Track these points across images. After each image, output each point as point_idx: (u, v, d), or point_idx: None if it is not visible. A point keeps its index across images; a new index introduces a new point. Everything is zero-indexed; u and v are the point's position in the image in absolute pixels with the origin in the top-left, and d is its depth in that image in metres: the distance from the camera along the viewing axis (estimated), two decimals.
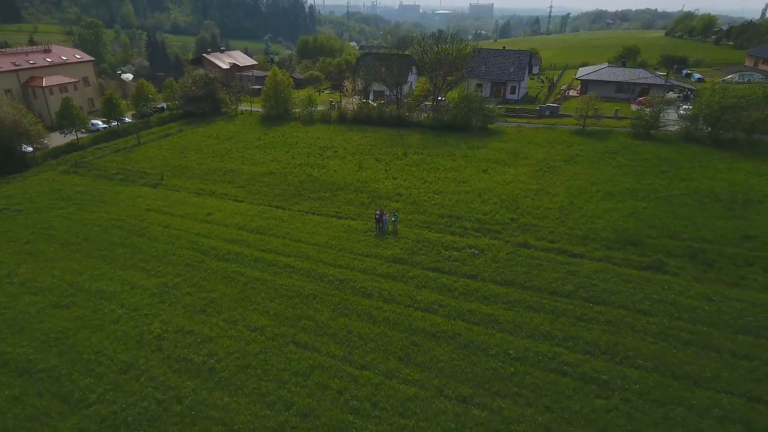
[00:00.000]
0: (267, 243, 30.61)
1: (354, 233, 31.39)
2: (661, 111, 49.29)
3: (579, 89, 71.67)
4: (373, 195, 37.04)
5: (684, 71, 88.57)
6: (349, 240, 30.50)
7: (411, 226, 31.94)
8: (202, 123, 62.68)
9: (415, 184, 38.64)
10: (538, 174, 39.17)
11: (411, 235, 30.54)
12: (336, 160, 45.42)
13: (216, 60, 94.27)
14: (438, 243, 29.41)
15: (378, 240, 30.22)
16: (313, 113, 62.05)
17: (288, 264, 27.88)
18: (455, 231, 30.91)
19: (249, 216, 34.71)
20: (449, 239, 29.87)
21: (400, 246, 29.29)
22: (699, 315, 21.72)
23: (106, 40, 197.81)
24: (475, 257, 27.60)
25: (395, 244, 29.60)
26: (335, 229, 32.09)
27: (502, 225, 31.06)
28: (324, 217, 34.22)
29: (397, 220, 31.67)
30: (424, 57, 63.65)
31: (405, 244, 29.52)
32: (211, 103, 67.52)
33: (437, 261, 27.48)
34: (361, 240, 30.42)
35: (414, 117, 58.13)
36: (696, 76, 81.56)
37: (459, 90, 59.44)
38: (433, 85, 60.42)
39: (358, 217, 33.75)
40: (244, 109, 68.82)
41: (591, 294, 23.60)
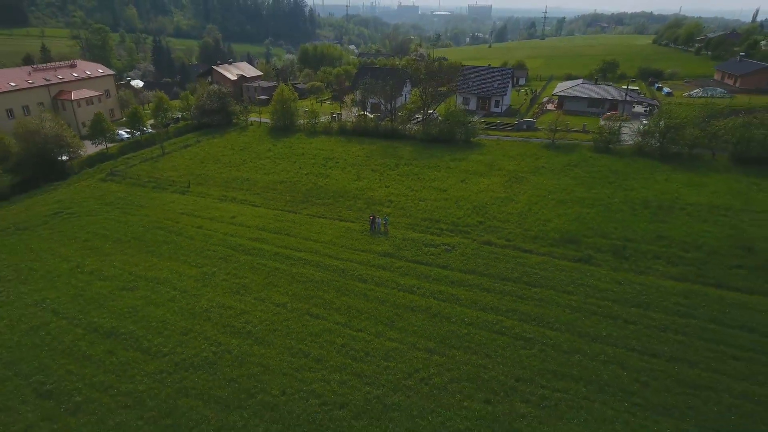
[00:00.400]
0: (283, 241, 38.09)
1: (352, 233, 38.85)
2: (621, 127, 56.97)
3: (556, 104, 79.20)
4: (369, 201, 44.52)
5: (656, 85, 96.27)
6: (349, 238, 37.96)
7: (399, 227, 39.44)
8: (216, 134, 70.12)
9: (404, 192, 46.13)
10: (507, 184, 46.71)
11: (398, 235, 38.04)
12: (337, 170, 52.91)
13: (225, 72, 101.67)
14: (419, 241, 36.92)
15: (371, 238, 37.70)
16: (316, 125, 69.50)
17: (300, 257, 35.36)
18: (434, 231, 38.42)
19: (266, 219, 42.18)
20: (429, 238, 37.38)
21: (389, 243, 36.79)
22: (608, 294, 29.28)
23: (111, 44, 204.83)
24: (448, 252, 35.10)
25: (385, 241, 37.09)
26: (337, 230, 39.56)
27: (471, 227, 38.59)
28: (328, 220, 41.69)
29: (387, 222, 39.14)
30: (419, 67, 71.47)
31: (393, 242, 37.02)
32: (224, 116, 75.02)
33: (418, 255, 34.97)
34: (358, 238, 37.88)
35: (406, 130, 65.64)
36: (666, 90, 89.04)
37: (446, 106, 66.89)
38: (423, 101, 67.79)
39: (356, 220, 41.20)
40: (253, 120, 76.25)
41: (531, 279, 31.14)
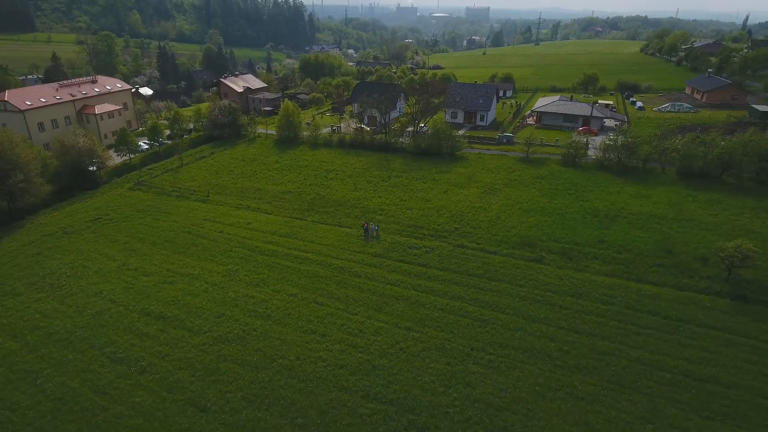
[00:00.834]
0: (292, 243, 45.86)
1: (350, 237, 46.62)
2: (588, 142, 64.91)
3: (536, 118, 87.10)
4: (364, 210, 52.32)
5: (631, 99, 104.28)
6: (347, 242, 45.72)
7: (389, 232, 47.22)
8: (228, 146, 77.91)
9: (394, 201, 53.96)
10: (482, 195, 54.57)
11: (388, 239, 45.83)
12: (337, 181, 60.73)
13: (232, 84, 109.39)
14: (405, 244, 44.73)
15: (365, 242, 45.49)
16: (318, 138, 77.29)
17: (307, 257, 43.14)
18: (417, 236, 46.25)
19: (277, 225, 49.94)
20: (413, 241, 45.20)
21: (380, 246, 44.57)
22: (550, 287, 37.17)
23: (118, 51, 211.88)
24: (428, 253, 42.91)
25: (377, 245, 44.88)
26: (337, 234, 47.32)
27: (448, 232, 46.41)
28: (329, 226, 49.44)
29: (379, 228, 46.93)
30: (413, 77, 79.52)
31: (383, 245, 44.80)
32: (234, 129, 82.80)
33: (403, 256, 42.78)
34: (355, 242, 45.66)
35: (399, 143, 73.42)
36: (638, 104, 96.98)
37: (433, 122, 74.71)
38: (412, 115, 75.57)
39: (352, 226, 48.97)
40: (260, 131, 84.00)
41: (493, 275, 39.02)
